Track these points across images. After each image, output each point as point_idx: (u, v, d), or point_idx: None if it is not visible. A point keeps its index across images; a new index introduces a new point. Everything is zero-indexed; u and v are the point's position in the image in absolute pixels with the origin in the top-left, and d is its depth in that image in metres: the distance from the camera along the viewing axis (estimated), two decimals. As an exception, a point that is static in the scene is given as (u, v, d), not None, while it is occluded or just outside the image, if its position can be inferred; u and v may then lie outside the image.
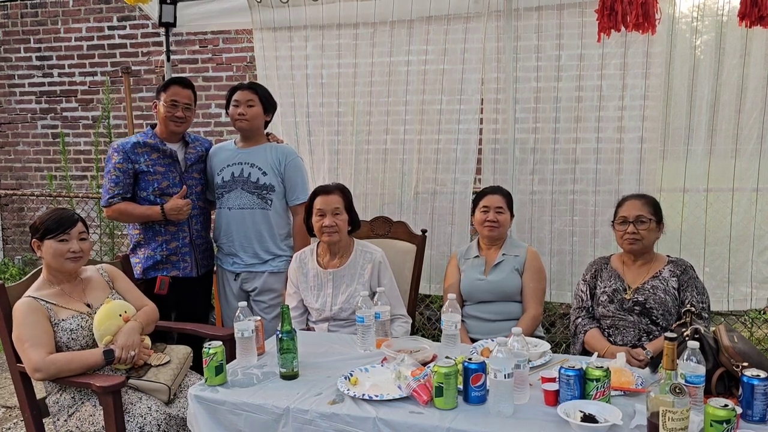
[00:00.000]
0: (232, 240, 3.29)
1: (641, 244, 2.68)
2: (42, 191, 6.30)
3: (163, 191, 3.13)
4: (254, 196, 3.24)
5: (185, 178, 3.22)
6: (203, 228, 3.35)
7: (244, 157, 3.27)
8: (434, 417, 1.91)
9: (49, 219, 2.55)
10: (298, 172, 3.30)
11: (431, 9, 3.59)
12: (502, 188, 3.15)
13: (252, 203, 3.24)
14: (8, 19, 6.59)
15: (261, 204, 3.24)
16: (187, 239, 3.22)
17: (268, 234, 3.26)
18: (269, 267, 3.27)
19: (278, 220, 3.29)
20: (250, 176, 3.23)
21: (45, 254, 2.54)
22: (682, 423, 1.66)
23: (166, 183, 3.14)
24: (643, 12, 2.69)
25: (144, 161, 3.11)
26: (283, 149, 3.32)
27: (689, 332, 2.07)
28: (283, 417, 2.03)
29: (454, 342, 2.42)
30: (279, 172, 3.25)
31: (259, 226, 3.25)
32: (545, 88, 3.49)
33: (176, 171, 3.19)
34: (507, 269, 2.97)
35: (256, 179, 3.23)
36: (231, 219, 3.27)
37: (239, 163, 3.26)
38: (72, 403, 2.48)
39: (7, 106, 6.72)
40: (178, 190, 3.14)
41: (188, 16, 4.06)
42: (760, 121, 3.19)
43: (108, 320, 2.51)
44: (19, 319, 2.43)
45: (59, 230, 2.53)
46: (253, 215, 3.24)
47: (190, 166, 3.26)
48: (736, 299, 3.37)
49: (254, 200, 3.24)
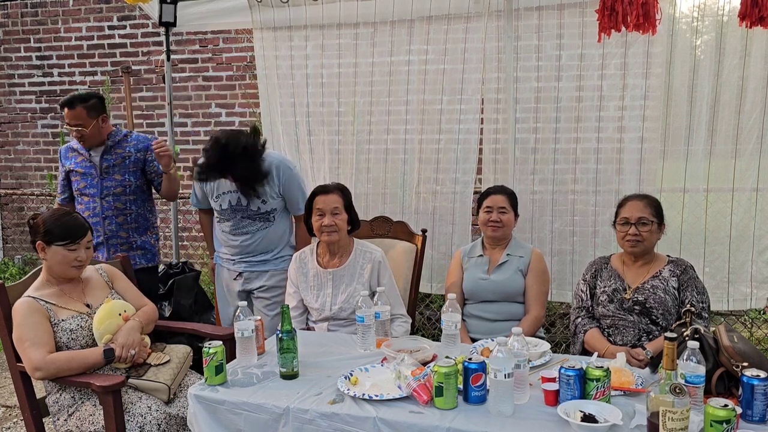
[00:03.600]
0: (233, 254, 3.30)
1: (643, 246, 2.67)
2: (42, 191, 6.30)
3: (81, 191, 3.43)
4: (255, 221, 3.22)
5: (103, 181, 3.38)
6: (120, 227, 3.42)
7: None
8: (434, 417, 1.91)
9: (59, 225, 2.52)
10: (295, 184, 3.24)
11: (431, 9, 3.59)
12: (506, 188, 3.15)
13: (254, 227, 3.23)
14: (8, 18, 6.59)
15: (264, 225, 3.24)
16: (101, 238, 3.37)
17: (271, 244, 3.27)
18: (272, 266, 3.28)
19: (281, 228, 3.29)
20: (250, 206, 3.19)
21: (50, 258, 2.53)
22: (682, 423, 1.66)
23: (84, 184, 3.41)
24: (643, 12, 2.69)
25: (71, 163, 3.43)
26: (274, 163, 3.15)
27: (689, 332, 2.07)
28: (283, 417, 2.03)
29: (454, 342, 2.41)
30: (278, 193, 3.21)
31: (261, 242, 3.25)
32: (546, 88, 3.49)
33: (95, 174, 3.39)
34: (511, 270, 2.97)
35: (257, 208, 3.20)
36: (231, 240, 3.27)
37: (234, 191, 3.17)
38: (72, 403, 2.48)
39: (7, 105, 6.72)
40: (95, 191, 3.37)
41: (188, 16, 4.06)
42: (760, 121, 3.19)
43: (108, 319, 2.52)
44: (18, 320, 2.44)
45: (69, 240, 2.51)
46: (254, 236, 3.24)
47: (108, 168, 3.37)
48: (735, 299, 3.37)
49: (256, 224, 3.23)
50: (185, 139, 6.17)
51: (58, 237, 2.50)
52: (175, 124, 4.68)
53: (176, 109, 5.94)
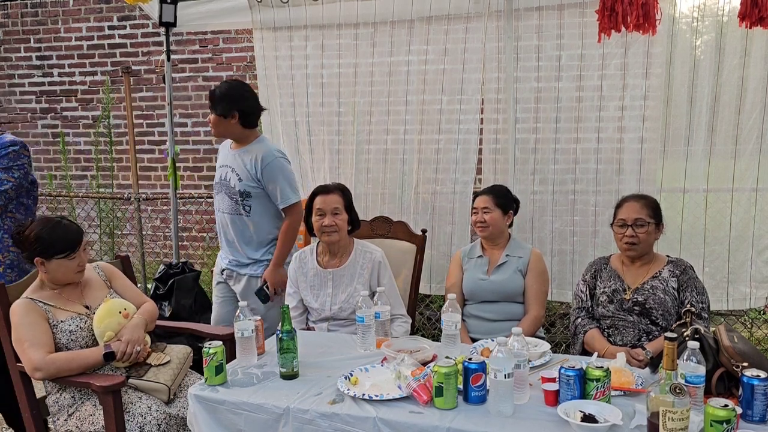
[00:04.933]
0: (222, 239, 3.29)
1: (639, 248, 2.67)
2: (42, 191, 6.29)
3: None
4: (232, 201, 3.16)
5: None
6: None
7: (230, 160, 3.19)
8: (434, 417, 1.91)
9: (55, 238, 2.45)
10: (278, 174, 3.09)
11: (431, 9, 3.59)
12: (494, 187, 3.14)
13: (231, 209, 3.17)
14: (8, 18, 6.59)
15: (238, 210, 3.15)
16: None
17: (245, 240, 3.18)
18: (250, 270, 3.20)
19: (259, 227, 3.17)
20: (230, 181, 3.15)
21: (52, 272, 2.49)
22: (682, 423, 1.66)
23: None
24: (643, 12, 2.69)
25: None
26: (262, 151, 3.11)
27: (689, 332, 2.07)
28: (283, 417, 2.03)
29: (454, 342, 2.41)
30: (255, 178, 3.10)
31: (238, 233, 3.18)
32: (546, 88, 3.49)
33: None
34: (510, 270, 2.97)
35: (234, 185, 3.14)
36: (221, 220, 3.25)
37: (226, 165, 3.19)
38: (72, 403, 2.48)
39: (7, 105, 6.72)
40: None
41: (188, 16, 4.07)
42: (760, 121, 3.19)
43: (108, 317, 2.51)
44: (16, 321, 2.43)
45: (69, 250, 2.47)
46: (233, 220, 3.18)
47: None
48: (735, 299, 3.37)
49: (232, 206, 3.16)
50: (185, 139, 6.17)
51: (59, 250, 2.46)
52: (175, 124, 4.68)
53: (176, 109, 5.95)
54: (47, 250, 2.45)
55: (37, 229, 2.47)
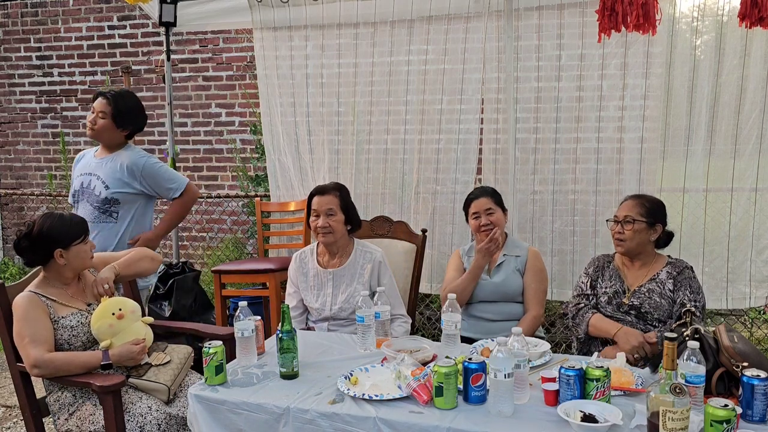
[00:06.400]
0: None
1: (625, 245, 2.68)
2: (42, 191, 6.30)
3: None
4: (94, 209, 3.13)
5: None
6: None
7: (94, 167, 3.18)
8: (434, 417, 1.91)
9: (67, 226, 2.53)
10: (157, 172, 3.18)
11: (431, 9, 3.59)
12: (486, 188, 3.11)
13: (95, 218, 3.12)
14: (8, 18, 6.59)
15: (104, 218, 3.15)
16: None
17: (116, 248, 3.11)
18: None
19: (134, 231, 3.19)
20: (95, 189, 3.13)
21: (71, 260, 2.54)
22: (682, 423, 1.66)
23: None
24: (643, 12, 2.69)
25: None
26: (130, 157, 3.15)
27: (689, 332, 2.07)
28: (283, 416, 2.03)
29: (454, 342, 2.41)
30: (128, 184, 3.12)
31: (105, 242, 3.11)
32: (546, 88, 3.50)
33: None
34: (509, 270, 2.97)
35: (99, 192, 3.13)
36: None
37: (89, 173, 3.17)
38: (72, 402, 2.48)
39: (7, 105, 6.72)
40: None
41: (188, 16, 4.07)
42: (760, 121, 3.19)
43: (101, 318, 2.49)
44: (19, 314, 2.43)
45: (83, 234, 2.57)
46: (98, 229, 3.11)
47: None
48: (735, 298, 3.38)
49: (96, 214, 3.13)
50: (185, 139, 6.17)
51: (75, 236, 2.53)
52: (175, 124, 4.68)
53: (176, 109, 5.94)
54: (65, 238, 2.51)
55: (47, 225, 2.51)
